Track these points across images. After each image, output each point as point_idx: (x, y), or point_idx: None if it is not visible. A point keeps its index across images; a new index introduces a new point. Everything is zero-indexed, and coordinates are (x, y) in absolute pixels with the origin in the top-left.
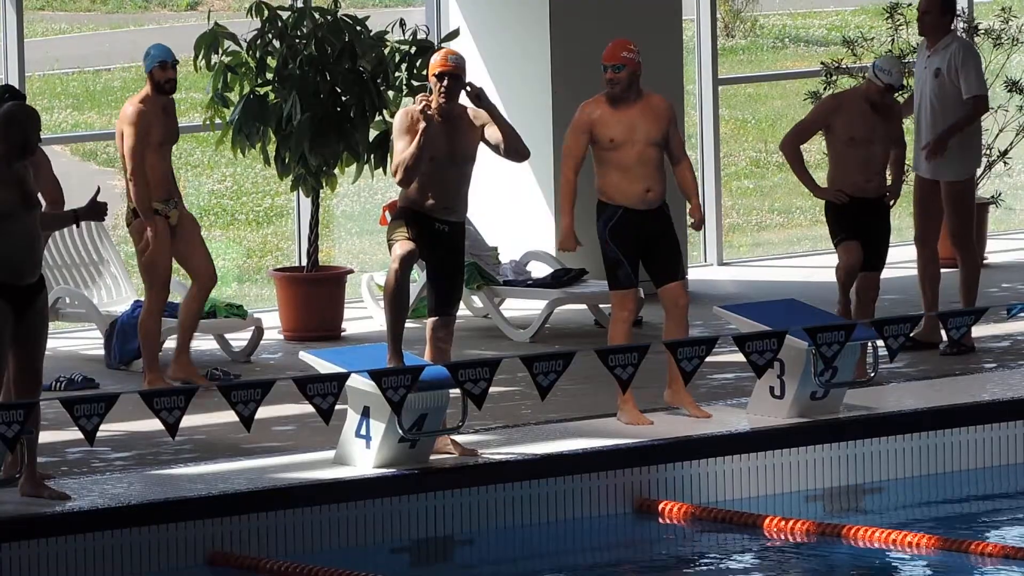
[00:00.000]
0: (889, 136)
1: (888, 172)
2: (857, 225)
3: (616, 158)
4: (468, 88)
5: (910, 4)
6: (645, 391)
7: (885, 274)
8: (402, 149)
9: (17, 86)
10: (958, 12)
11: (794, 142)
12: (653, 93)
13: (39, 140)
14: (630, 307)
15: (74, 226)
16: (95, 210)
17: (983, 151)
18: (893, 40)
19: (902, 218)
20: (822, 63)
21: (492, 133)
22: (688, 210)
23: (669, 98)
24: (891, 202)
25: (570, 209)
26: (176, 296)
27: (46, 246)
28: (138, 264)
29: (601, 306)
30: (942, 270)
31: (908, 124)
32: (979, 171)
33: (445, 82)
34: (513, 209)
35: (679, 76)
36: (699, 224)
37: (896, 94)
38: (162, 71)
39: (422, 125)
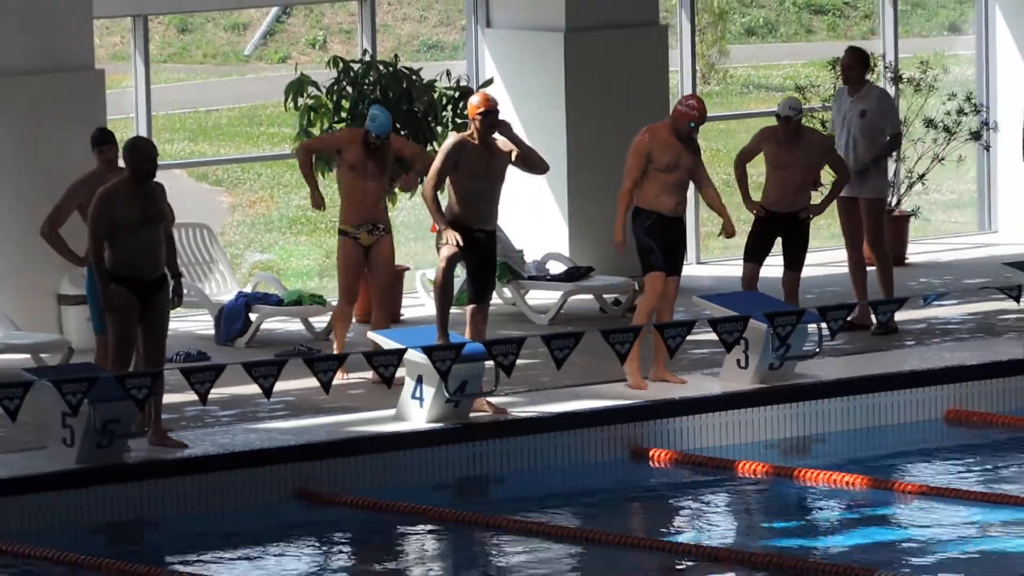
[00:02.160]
0: (811, 164)
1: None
2: (771, 235)
3: (663, 178)
4: (503, 124)
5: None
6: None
7: (826, 271)
8: (439, 167)
9: (145, 123)
10: (886, 64)
11: (741, 162)
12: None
13: (156, 168)
14: (659, 287)
15: (190, 232)
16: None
17: (905, 176)
18: (835, 86)
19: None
20: (778, 105)
21: (517, 155)
22: (722, 224)
23: None
24: (805, 216)
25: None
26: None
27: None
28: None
29: (605, 296)
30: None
31: None
32: (902, 190)
33: (483, 119)
34: (535, 220)
35: (667, 113)
36: (731, 234)
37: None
38: (375, 139)
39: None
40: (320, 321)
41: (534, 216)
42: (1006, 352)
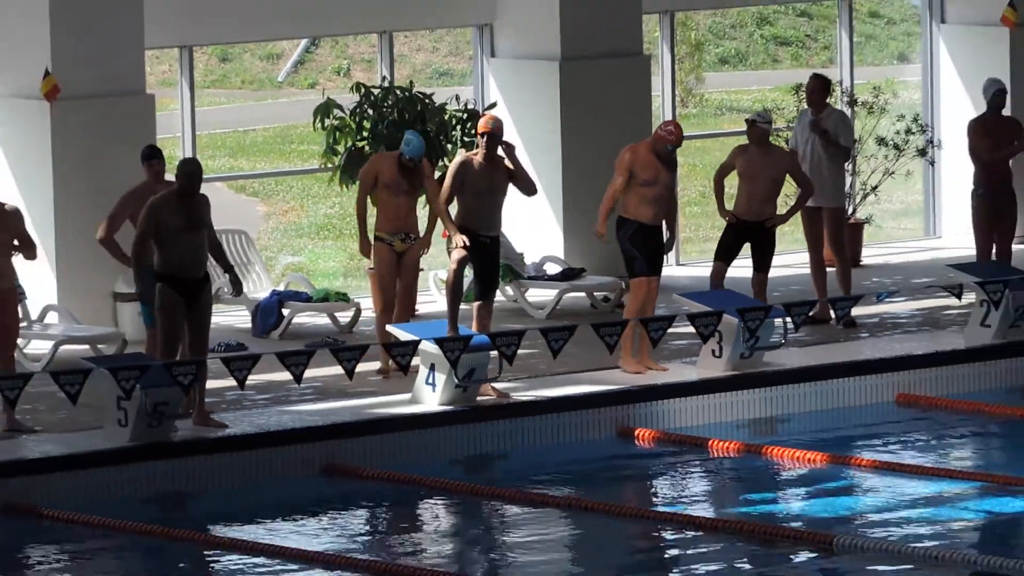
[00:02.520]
0: (776, 176)
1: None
2: (741, 240)
3: (643, 191)
4: (504, 144)
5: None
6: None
7: (790, 272)
8: (449, 184)
9: (191, 141)
10: (843, 89)
11: (719, 176)
12: None
13: (199, 185)
14: (643, 290)
15: (230, 238)
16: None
17: (860, 188)
18: (798, 108)
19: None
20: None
21: (512, 174)
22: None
23: None
24: (771, 224)
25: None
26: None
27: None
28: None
29: (596, 293)
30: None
31: None
32: (857, 200)
33: (487, 141)
34: (534, 226)
35: (649, 133)
36: (669, 249)
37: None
38: (408, 160)
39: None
40: (344, 316)
41: (533, 223)
42: (949, 343)
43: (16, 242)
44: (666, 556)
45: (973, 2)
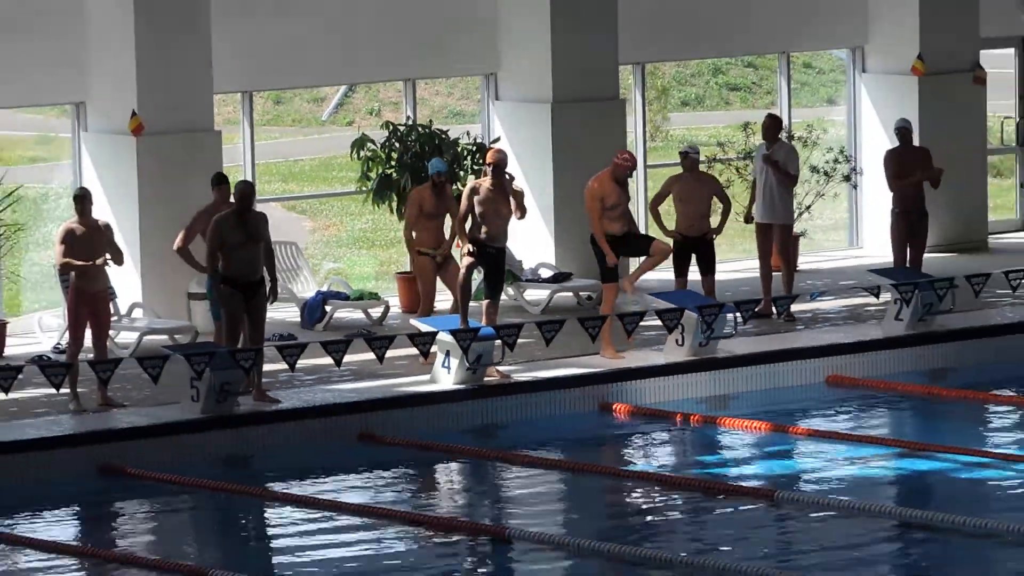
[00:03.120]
0: (706, 197)
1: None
2: (688, 253)
3: (610, 213)
4: (508, 175)
5: (754, 122)
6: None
7: (739, 276)
8: (464, 205)
9: (250, 169)
10: (783, 127)
11: (655, 204)
12: None
13: (252, 204)
14: (614, 292)
15: (283, 248)
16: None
17: (796, 207)
18: (746, 143)
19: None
20: (705, 156)
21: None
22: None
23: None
24: (709, 236)
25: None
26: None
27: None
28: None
29: (581, 293)
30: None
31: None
32: (795, 217)
33: (495, 168)
34: (531, 239)
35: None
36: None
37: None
38: (437, 177)
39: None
40: (376, 311)
41: (530, 236)
42: (870, 333)
43: (108, 252)
44: (638, 506)
45: (888, 55)
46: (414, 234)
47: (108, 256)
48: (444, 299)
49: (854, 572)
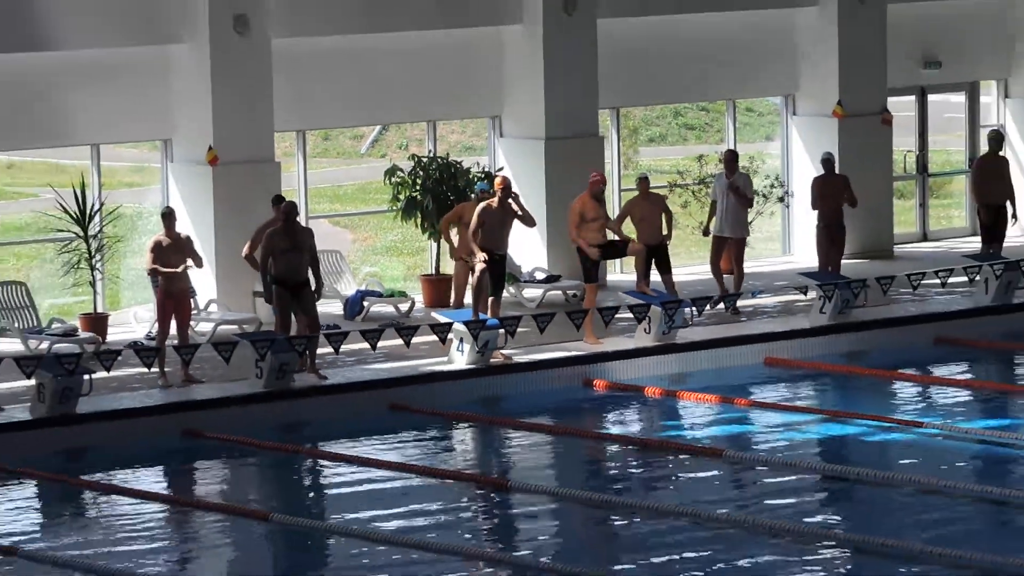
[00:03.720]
0: (658, 213)
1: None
2: (649, 259)
3: (591, 225)
4: (512, 195)
5: (706, 155)
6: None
7: (695, 278)
8: (476, 222)
9: (304, 193)
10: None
11: (618, 223)
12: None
13: (295, 218)
14: (595, 291)
15: (329, 256)
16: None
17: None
18: (700, 172)
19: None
20: (668, 182)
21: (519, 215)
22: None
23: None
24: (664, 243)
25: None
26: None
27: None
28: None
29: (568, 291)
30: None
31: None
32: (747, 232)
33: (500, 193)
34: (528, 248)
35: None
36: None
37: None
38: (481, 194)
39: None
40: (404, 306)
41: (528, 246)
42: (799, 324)
43: (189, 258)
44: (613, 462)
45: (814, 101)
46: (455, 241)
47: (190, 262)
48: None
49: (786, 512)
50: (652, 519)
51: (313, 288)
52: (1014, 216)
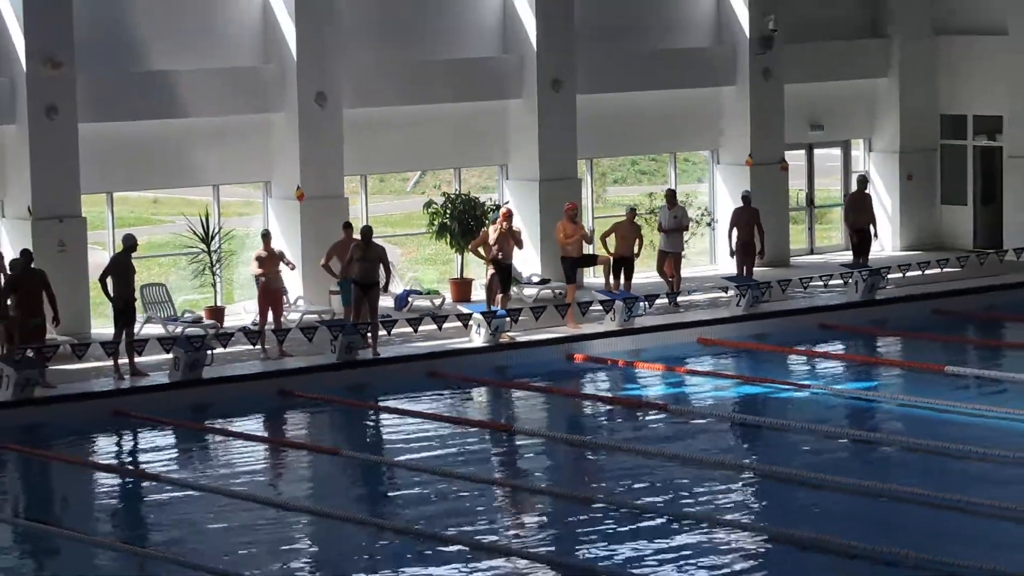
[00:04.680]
0: (634, 236)
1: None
2: (619, 267)
3: (568, 241)
4: (516, 229)
5: (654, 193)
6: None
7: (647, 281)
8: (491, 243)
9: (365, 219)
10: (674, 193)
11: (604, 239)
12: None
13: (370, 235)
14: (573, 290)
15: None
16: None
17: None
18: (650, 204)
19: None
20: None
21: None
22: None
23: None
24: (634, 257)
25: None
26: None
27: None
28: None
29: (555, 291)
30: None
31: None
32: (683, 249)
33: (506, 222)
34: (526, 259)
35: (577, 216)
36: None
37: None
38: (494, 220)
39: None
40: (437, 301)
41: (526, 258)
42: (722, 314)
43: (283, 264)
44: (588, 414)
45: (732, 153)
46: (481, 251)
47: (283, 266)
48: (476, 293)
49: (710, 449)
50: (615, 454)
51: (381, 286)
52: (875, 236)
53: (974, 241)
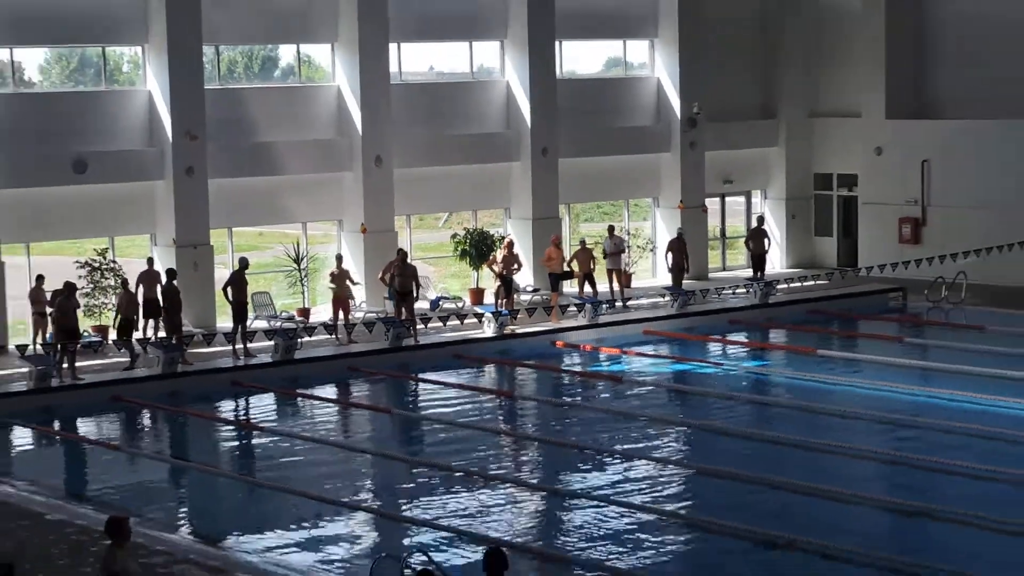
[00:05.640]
0: (588, 259)
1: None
2: (583, 282)
3: (554, 261)
4: (515, 251)
5: (614, 226)
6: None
7: (603, 289)
8: (499, 262)
9: (409, 246)
10: (623, 228)
11: (569, 263)
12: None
13: (406, 257)
14: (557, 297)
15: (422, 280)
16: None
17: (627, 261)
18: (606, 235)
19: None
20: (592, 243)
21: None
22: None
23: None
24: (592, 272)
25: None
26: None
27: (419, 283)
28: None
29: (544, 296)
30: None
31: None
32: (629, 266)
33: (508, 247)
34: (523, 275)
35: (561, 248)
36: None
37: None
38: (500, 247)
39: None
40: (459, 304)
41: (523, 273)
42: (661, 312)
43: (349, 281)
44: (566, 384)
45: (668, 199)
46: (493, 268)
47: (354, 284)
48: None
49: (655, 411)
50: (584, 412)
51: (415, 295)
52: (767, 251)
53: (838, 261)
